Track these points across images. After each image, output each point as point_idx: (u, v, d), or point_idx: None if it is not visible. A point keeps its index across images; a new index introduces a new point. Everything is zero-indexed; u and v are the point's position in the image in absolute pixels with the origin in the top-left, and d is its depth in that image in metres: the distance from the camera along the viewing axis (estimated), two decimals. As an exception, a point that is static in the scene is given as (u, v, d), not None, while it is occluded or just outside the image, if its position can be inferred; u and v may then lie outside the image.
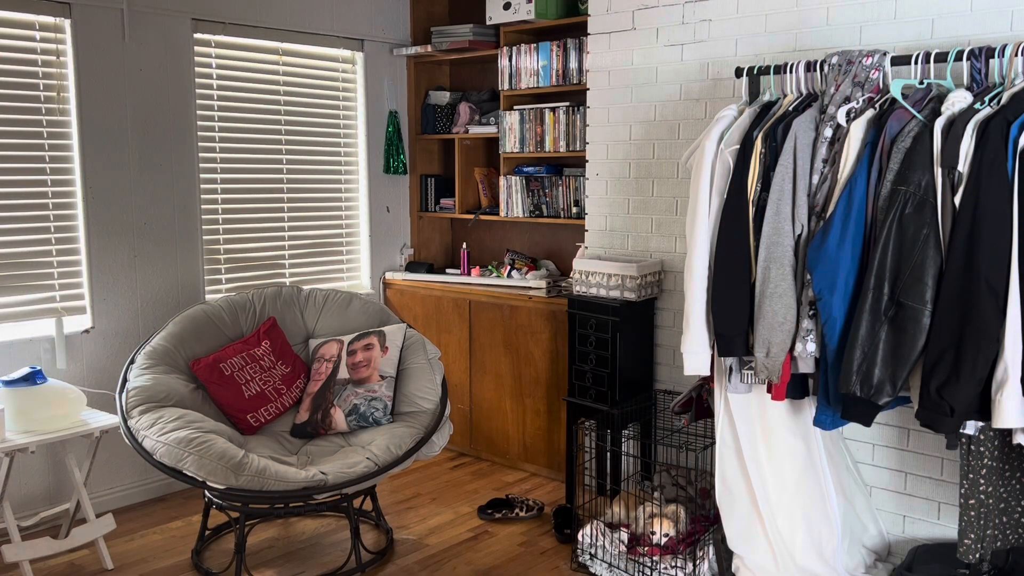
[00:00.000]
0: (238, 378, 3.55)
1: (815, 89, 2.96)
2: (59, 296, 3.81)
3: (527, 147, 4.54)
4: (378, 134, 4.97)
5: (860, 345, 2.50)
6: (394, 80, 5.01)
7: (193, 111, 4.15)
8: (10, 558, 3.12)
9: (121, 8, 3.84)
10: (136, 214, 3.99)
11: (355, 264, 4.99)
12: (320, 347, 3.77)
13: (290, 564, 3.45)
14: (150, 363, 3.45)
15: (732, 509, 3.06)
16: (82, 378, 3.83)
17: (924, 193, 2.43)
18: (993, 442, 2.53)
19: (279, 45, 4.49)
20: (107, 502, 3.91)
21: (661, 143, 3.77)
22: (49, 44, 3.71)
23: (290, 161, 4.58)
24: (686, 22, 3.62)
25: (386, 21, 4.92)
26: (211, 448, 3.03)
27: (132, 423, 3.20)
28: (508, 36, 4.58)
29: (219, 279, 4.34)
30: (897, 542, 3.20)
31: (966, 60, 2.62)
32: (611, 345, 3.61)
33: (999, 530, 2.59)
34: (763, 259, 2.75)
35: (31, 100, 3.67)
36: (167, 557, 3.50)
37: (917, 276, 2.42)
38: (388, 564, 3.45)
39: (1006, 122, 2.34)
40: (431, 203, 5.13)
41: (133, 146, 3.95)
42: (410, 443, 3.37)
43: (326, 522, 3.85)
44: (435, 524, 3.83)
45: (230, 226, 4.36)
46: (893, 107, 2.61)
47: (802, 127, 2.74)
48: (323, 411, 3.59)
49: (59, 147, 3.76)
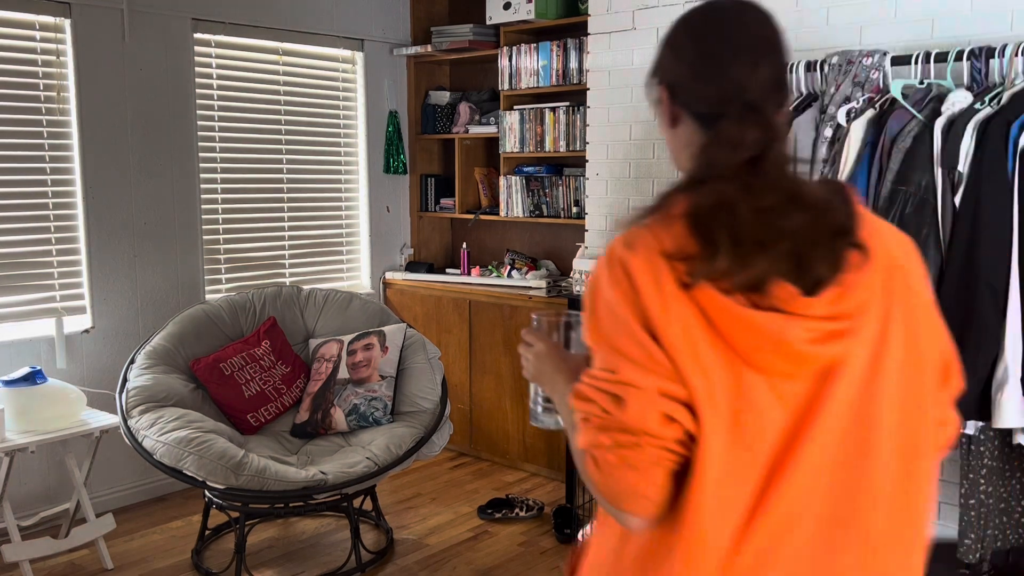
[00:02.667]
0: (238, 378, 3.55)
1: (815, 89, 2.96)
2: (59, 296, 3.81)
3: (527, 147, 4.54)
4: (378, 134, 4.97)
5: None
6: (394, 80, 5.01)
7: (193, 111, 4.15)
8: (10, 558, 3.12)
9: (121, 8, 3.84)
10: (136, 214, 3.99)
11: (355, 264, 4.99)
12: (320, 347, 3.77)
13: (290, 564, 3.45)
14: (150, 363, 3.45)
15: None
16: (82, 378, 3.83)
17: (924, 193, 2.43)
18: (993, 442, 2.53)
19: (279, 45, 4.49)
20: (107, 502, 3.91)
21: (661, 143, 3.77)
22: (49, 44, 3.71)
23: (290, 161, 4.58)
24: (686, 22, 3.61)
25: (386, 21, 4.93)
26: (211, 448, 3.03)
27: (132, 423, 3.20)
28: (508, 36, 4.58)
29: (219, 279, 4.34)
30: (897, 542, 3.20)
31: (966, 60, 2.62)
32: (611, 345, 3.60)
33: (999, 530, 2.59)
34: (763, 259, 2.74)
35: (31, 100, 3.67)
36: (167, 557, 3.50)
37: (917, 276, 2.42)
38: (388, 564, 3.45)
39: (1006, 122, 2.34)
40: (431, 203, 5.13)
41: (133, 146, 3.95)
42: (410, 443, 3.37)
43: (326, 522, 3.85)
44: (435, 524, 3.83)
45: (230, 226, 4.36)
46: (893, 107, 2.61)
47: (802, 127, 2.75)
48: (323, 411, 3.58)
49: (59, 147, 3.76)
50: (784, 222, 1.01)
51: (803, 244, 1.01)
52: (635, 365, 1.01)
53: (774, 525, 1.02)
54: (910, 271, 1.11)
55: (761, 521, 1.02)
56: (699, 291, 1.00)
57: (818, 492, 1.03)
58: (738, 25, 1.09)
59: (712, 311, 1.01)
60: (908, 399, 1.08)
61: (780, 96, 1.10)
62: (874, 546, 1.05)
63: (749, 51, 1.08)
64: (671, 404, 1.00)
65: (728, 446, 1.01)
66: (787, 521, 1.02)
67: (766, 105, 1.07)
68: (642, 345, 1.01)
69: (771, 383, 1.02)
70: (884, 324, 1.06)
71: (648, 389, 1.00)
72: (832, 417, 1.03)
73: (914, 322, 1.09)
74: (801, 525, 1.02)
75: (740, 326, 1.00)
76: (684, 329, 1.01)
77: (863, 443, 1.04)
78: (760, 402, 1.01)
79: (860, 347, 1.04)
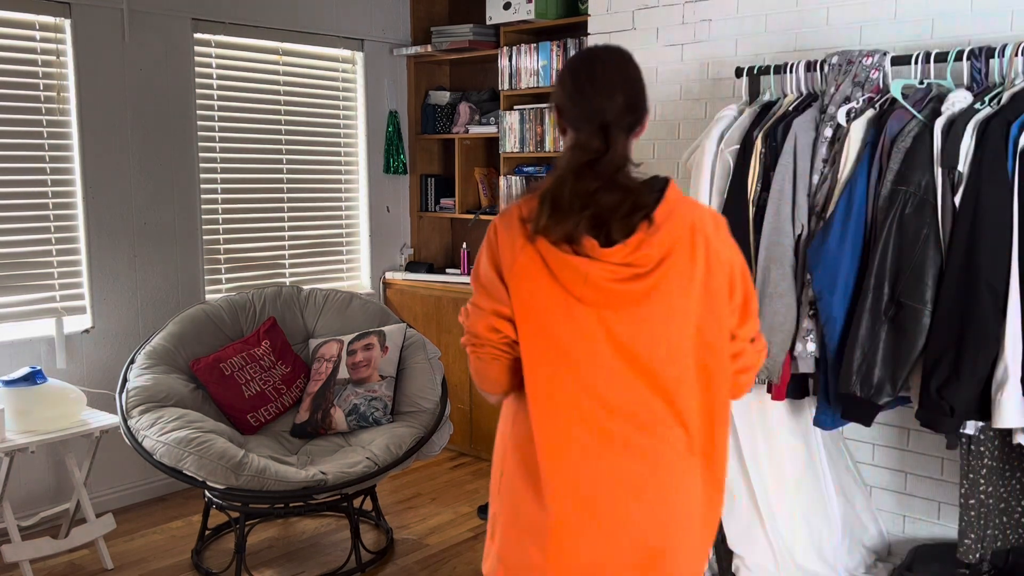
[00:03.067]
0: (238, 378, 3.55)
1: (815, 89, 2.96)
2: (59, 296, 3.81)
3: (527, 147, 4.54)
4: (378, 134, 4.97)
5: (860, 345, 2.50)
6: (394, 80, 5.01)
7: (193, 111, 4.15)
8: (10, 558, 3.12)
9: (121, 8, 3.85)
10: (136, 214, 3.99)
11: (355, 264, 4.99)
12: (320, 347, 3.77)
13: (290, 564, 3.45)
14: (150, 363, 3.45)
15: (732, 509, 3.06)
16: (82, 378, 3.83)
17: (924, 193, 2.43)
18: (993, 442, 2.53)
19: (279, 45, 4.49)
20: (107, 502, 3.91)
21: (661, 143, 3.77)
22: (49, 44, 3.71)
23: (290, 161, 4.58)
24: (686, 22, 3.62)
25: (386, 21, 4.93)
26: (211, 448, 3.03)
27: (132, 423, 3.20)
28: (508, 36, 4.58)
29: (219, 279, 4.34)
30: (897, 542, 3.20)
31: (966, 60, 2.62)
32: (611, 345, 3.60)
33: (999, 530, 2.59)
34: (763, 259, 2.75)
35: (31, 100, 3.67)
36: (167, 557, 3.50)
37: (917, 276, 2.42)
38: (388, 564, 3.45)
39: (1006, 122, 2.34)
40: (431, 203, 5.13)
41: (133, 146, 3.95)
42: (410, 443, 3.37)
43: (326, 522, 3.85)
44: (435, 524, 3.83)
45: (230, 226, 4.36)
46: (893, 107, 2.61)
47: (802, 127, 2.74)
48: (323, 411, 3.58)
49: (59, 147, 3.76)
50: (597, 198, 1.51)
51: (606, 213, 1.51)
52: (483, 293, 1.60)
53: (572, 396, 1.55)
54: (711, 236, 1.58)
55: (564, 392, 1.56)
56: (539, 243, 1.53)
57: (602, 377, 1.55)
58: (601, 67, 1.57)
59: (547, 256, 1.53)
60: (706, 318, 1.57)
61: (632, 117, 1.57)
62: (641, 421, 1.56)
63: (607, 86, 1.55)
64: (499, 321, 1.58)
65: (543, 348, 1.56)
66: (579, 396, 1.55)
67: (615, 125, 1.54)
68: (491, 281, 1.58)
69: (595, 312, 1.54)
70: (687, 271, 1.54)
71: (486, 309, 1.59)
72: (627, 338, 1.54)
73: (710, 271, 1.56)
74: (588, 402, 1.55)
75: (562, 265, 1.53)
76: (524, 269, 1.54)
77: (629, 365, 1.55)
78: (578, 319, 1.54)
79: (664, 284, 1.53)
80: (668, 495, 1.58)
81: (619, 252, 1.51)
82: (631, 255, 1.51)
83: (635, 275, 1.52)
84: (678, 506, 1.59)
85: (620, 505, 1.57)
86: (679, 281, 1.54)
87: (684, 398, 1.57)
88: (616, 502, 1.57)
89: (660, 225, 1.53)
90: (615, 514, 1.57)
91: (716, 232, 1.60)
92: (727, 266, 1.60)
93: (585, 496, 1.57)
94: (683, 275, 1.54)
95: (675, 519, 1.59)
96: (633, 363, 1.55)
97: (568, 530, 1.57)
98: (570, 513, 1.57)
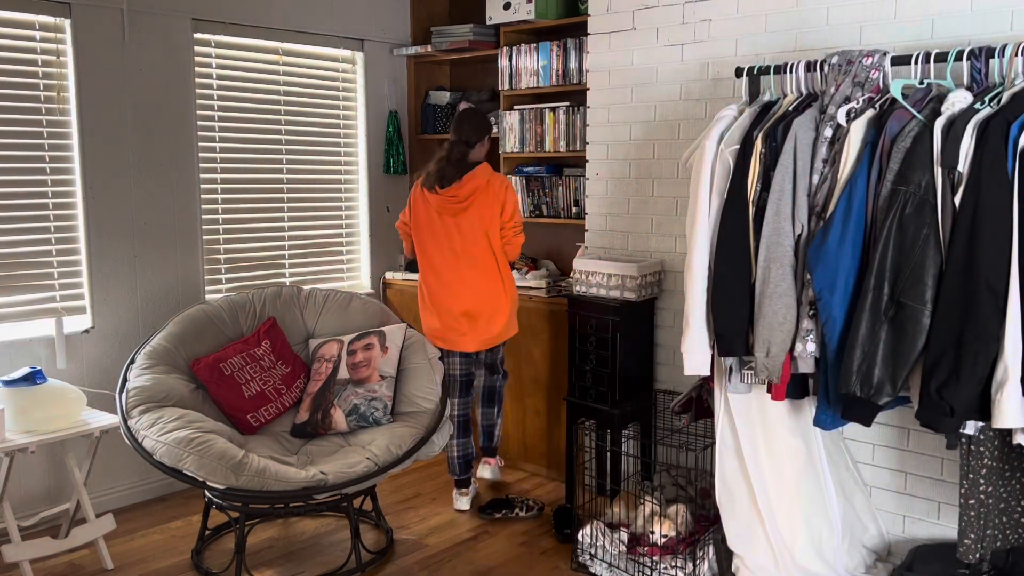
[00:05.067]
0: (238, 378, 3.55)
1: (815, 89, 2.96)
2: (59, 296, 3.81)
3: (527, 147, 4.54)
4: (378, 134, 4.97)
5: (860, 345, 2.50)
6: (394, 80, 5.01)
7: (193, 111, 4.15)
8: (10, 558, 3.12)
9: (121, 8, 3.85)
10: (136, 214, 3.99)
11: (355, 264, 5.00)
12: (320, 347, 3.77)
13: (290, 564, 3.45)
14: (150, 363, 3.45)
15: (732, 509, 3.06)
16: (82, 378, 3.83)
17: (924, 193, 2.43)
18: (993, 442, 2.53)
19: (279, 45, 4.49)
20: (107, 502, 3.91)
21: (661, 143, 3.77)
22: (49, 44, 3.71)
23: (290, 161, 4.59)
24: (686, 22, 3.62)
25: (386, 21, 4.93)
26: (211, 448, 3.03)
27: (132, 423, 3.20)
28: (508, 36, 4.58)
29: (219, 279, 4.34)
30: (897, 542, 3.21)
31: (966, 60, 2.62)
32: (611, 345, 3.61)
33: (999, 530, 2.59)
34: (763, 259, 2.75)
35: (31, 100, 3.67)
36: (167, 557, 3.50)
37: (917, 276, 2.42)
38: (388, 564, 3.45)
39: (1006, 122, 2.34)
40: (431, 203, 5.12)
41: (133, 146, 3.95)
42: (410, 443, 3.37)
43: (326, 522, 3.85)
44: (435, 524, 3.83)
45: (230, 226, 4.37)
46: (893, 107, 2.61)
47: (802, 127, 2.74)
48: (323, 411, 3.58)
49: (59, 147, 3.76)
50: (442, 169, 3.75)
51: (444, 173, 3.74)
52: (405, 211, 3.94)
53: (437, 256, 3.83)
54: (495, 187, 3.75)
55: (434, 257, 3.84)
56: (424, 191, 3.80)
57: (445, 249, 3.79)
58: (466, 116, 3.83)
59: (427, 195, 3.79)
60: (476, 228, 3.75)
61: (478, 135, 3.80)
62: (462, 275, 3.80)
63: (469, 123, 3.80)
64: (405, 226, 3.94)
65: (425, 235, 3.83)
66: (440, 250, 3.81)
67: (470, 140, 3.78)
68: (408, 209, 3.91)
69: (442, 217, 3.77)
70: (481, 201, 3.74)
71: (403, 218, 3.94)
72: (455, 227, 3.76)
73: (489, 202, 3.74)
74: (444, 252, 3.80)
75: (429, 197, 3.79)
76: (415, 200, 3.85)
77: (457, 237, 3.77)
78: (441, 223, 3.78)
79: (471, 207, 3.73)
80: (479, 284, 3.78)
81: (447, 193, 3.73)
82: (455, 192, 3.73)
83: (458, 202, 3.73)
84: (485, 289, 3.78)
85: (461, 287, 3.79)
86: (476, 206, 3.73)
87: (481, 250, 3.76)
88: (461, 286, 3.79)
89: (465, 182, 3.72)
90: (460, 291, 3.79)
91: (497, 186, 3.75)
92: (500, 200, 3.74)
93: (446, 283, 3.81)
94: (479, 203, 3.73)
95: (484, 294, 3.79)
96: (460, 237, 3.76)
97: (439, 299, 3.83)
98: (440, 294, 3.83)
